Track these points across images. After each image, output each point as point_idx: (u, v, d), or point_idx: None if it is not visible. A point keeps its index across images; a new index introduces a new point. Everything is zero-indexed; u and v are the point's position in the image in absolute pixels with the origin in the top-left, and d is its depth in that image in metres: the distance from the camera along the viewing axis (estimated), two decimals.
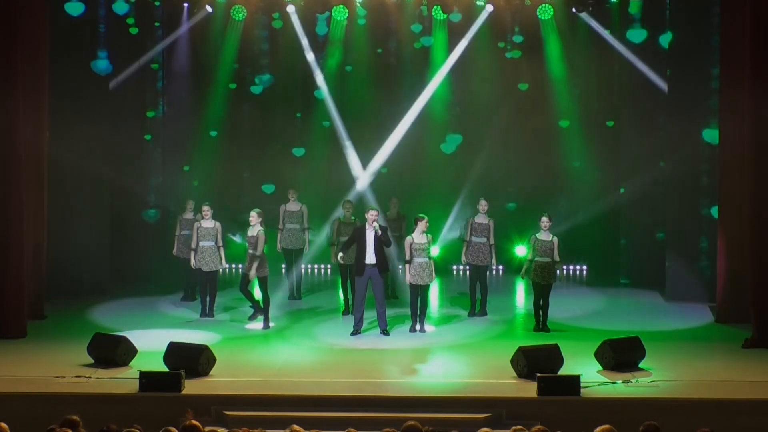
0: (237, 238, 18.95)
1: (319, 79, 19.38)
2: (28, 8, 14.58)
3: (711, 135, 15.95)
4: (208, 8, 18.30)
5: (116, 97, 18.04)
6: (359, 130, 19.57)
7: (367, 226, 14.29)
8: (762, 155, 13.97)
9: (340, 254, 15.24)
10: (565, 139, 19.49)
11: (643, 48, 17.97)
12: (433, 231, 15.91)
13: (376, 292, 14.31)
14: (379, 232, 14.17)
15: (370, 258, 14.25)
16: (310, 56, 19.28)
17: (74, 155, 16.75)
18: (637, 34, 17.81)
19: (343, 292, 16.22)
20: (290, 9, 18.36)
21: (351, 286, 15.56)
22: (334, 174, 19.73)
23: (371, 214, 14.31)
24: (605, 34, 18.62)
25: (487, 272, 15.97)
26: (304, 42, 19.08)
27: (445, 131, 19.82)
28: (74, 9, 16.41)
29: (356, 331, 14.41)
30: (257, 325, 15.02)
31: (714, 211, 15.86)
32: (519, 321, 15.91)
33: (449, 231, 19.16)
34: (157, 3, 18.40)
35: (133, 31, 18.16)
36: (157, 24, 19.04)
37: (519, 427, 7.96)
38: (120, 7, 17.31)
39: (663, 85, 17.49)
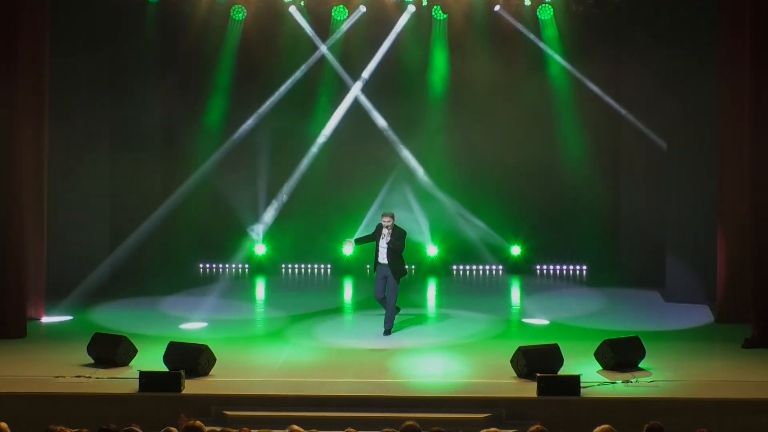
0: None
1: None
2: (29, 8, 14.58)
3: None
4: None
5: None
6: None
7: (382, 229, 14.23)
8: (761, 154, 13.98)
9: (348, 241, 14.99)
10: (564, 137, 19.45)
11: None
12: None
13: (388, 295, 14.27)
14: (388, 239, 14.13)
15: (382, 258, 14.24)
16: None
17: (73, 155, 16.75)
18: None
19: None
20: (292, 9, 18.37)
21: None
22: None
23: (386, 219, 14.24)
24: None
25: None
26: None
27: None
28: None
29: (387, 332, 14.32)
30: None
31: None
32: (517, 321, 15.93)
33: None
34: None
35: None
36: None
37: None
38: None
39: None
